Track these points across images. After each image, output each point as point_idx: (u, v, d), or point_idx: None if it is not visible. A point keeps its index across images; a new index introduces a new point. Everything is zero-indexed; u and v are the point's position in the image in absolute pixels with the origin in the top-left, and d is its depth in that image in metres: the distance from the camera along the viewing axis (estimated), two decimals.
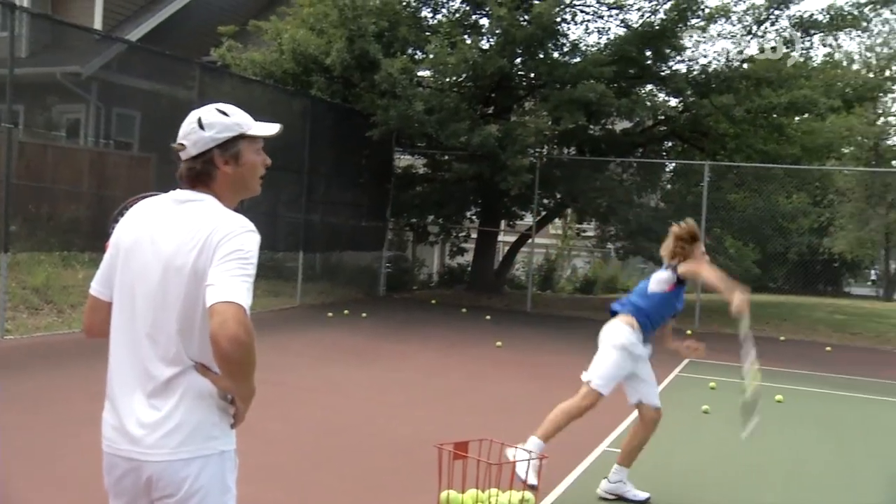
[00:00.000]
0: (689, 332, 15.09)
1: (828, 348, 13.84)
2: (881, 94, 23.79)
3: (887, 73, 30.22)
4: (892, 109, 31.96)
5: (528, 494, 3.77)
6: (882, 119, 31.35)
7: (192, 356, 2.24)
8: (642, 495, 5.29)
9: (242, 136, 2.36)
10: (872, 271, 37.41)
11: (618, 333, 5.40)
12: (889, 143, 32.26)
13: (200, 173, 2.33)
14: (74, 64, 15.69)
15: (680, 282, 5.33)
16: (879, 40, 30.89)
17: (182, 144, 2.33)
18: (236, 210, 2.37)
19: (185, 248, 2.21)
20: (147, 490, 2.23)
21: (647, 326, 5.42)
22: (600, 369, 5.36)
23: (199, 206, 2.29)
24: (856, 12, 17.38)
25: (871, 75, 21.23)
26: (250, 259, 2.19)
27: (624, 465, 5.33)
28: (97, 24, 17.69)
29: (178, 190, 2.36)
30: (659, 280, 5.37)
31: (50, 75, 15.44)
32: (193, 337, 2.23)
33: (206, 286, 2.14)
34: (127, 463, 2.24)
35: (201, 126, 2.32)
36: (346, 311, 14.17)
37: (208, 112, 2.35)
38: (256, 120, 2.43)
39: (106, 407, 2.33)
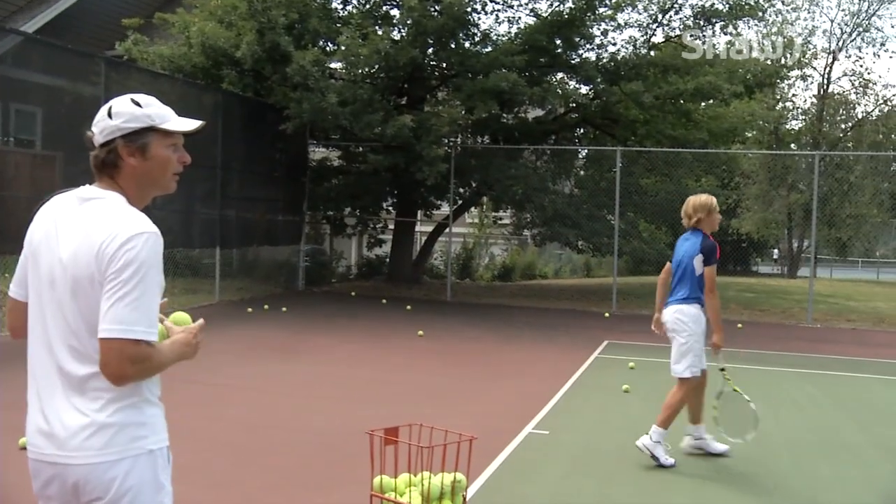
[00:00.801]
0: (606, 314, 15.49)
1: (739, 325, 14.35)
2: (778, 81, 24.74)
3: (782, 60, 31.40)
4: (789, 95, 33.23)
5: (460, 475, 3.82)
6: (780, 104, 32.55)
7: None
8: (720, 447, 6.08)
9: (153, 129, 2.28)
10: (775, 250, 38.92)
11: (697, 320, 5.93)
12: (787, 126, 33.54)
13: (105, 163, 2.26)
14: None
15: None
16: (774, 29, 32.05)
17: (92, 132, 2.27)
18: (147, 208, 2.31)
19: (81, 252, 2.15)
20: (75, 494, 2.17)
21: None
22: (690, 358, 5.90)
23: (100, 206, 2.22)
24: (752, 2, 18.07)
25: (769, 62, 22.00)
26: (143, 271, 2.12)
27: (696, 423, 6.12)
28: None
29: (85, 186, 2.29)
30: (700, 261, 5.93)
31: None
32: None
33: (99, 313, 2.10)
34: (51, 468, 2.18)
35: (109, 115, 2.26)
36: (265, 307, 14.01)
37: (121, 101, 2.29)
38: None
39: (29, 412, 2.26)
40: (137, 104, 2.28)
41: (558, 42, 17.05)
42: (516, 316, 15.10)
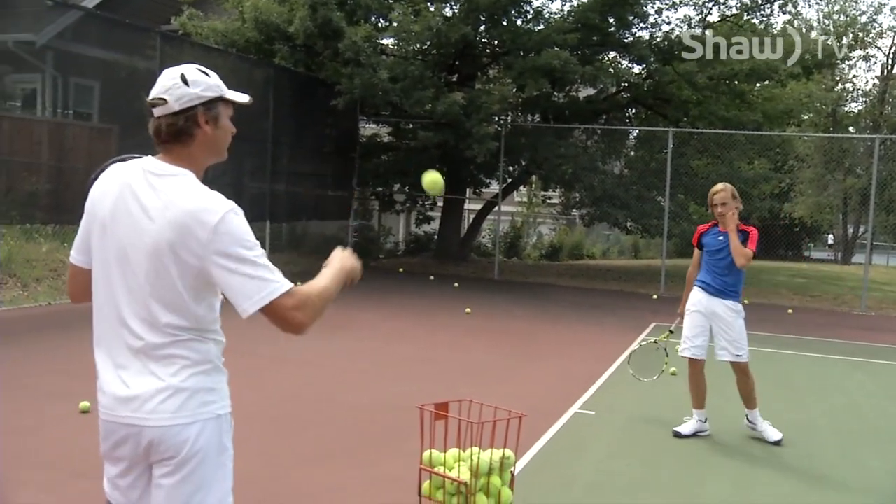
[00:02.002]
0: (654, 296, 15.36)
1: (789, 311, 14.13)
2: (838, 62, 24.11)
3: (844, 40, 30.56)
4: (849, 76, 32.38)
5: (509, 452, 3.85)
6: (839, 86, 31.74)
7: (179, 325, 2.25)
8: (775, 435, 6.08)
9: (222, 99, 2.36)
10: (830, 236, 38.10)
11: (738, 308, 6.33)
12: (846, 109, 32.72)
13: (181, 130, 2.29)
14: (26, 31, 15.29)
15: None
16: (836, 7, 31.19)
17: (163, 99, 2.28)
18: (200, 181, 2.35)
19: (164, 227, 2.20)
20: (146, 454, 2.26)
21: None
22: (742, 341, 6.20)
23: (178, 182, 2.26)
24: None
25: (829, 42, 21.43)
26: (250, 242, 2.22)
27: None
28: None
29: (150, 159, 2.32)
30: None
31: (1, 44, 15.04)
32: (183, 309, 2.24)
33: (226, 293, 2.22)
34: (126, 429, 2.25)
35: (185, 82, 2.29)
36: None
37: (191, 70, 2.33)
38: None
39: (100, 377, 2.32)
40: (206, 74, 2.35)
41: (611, 20, 16.86)
42: (563, 296, 15.05)
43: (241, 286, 2.18)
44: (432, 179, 3.12)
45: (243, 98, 2.42)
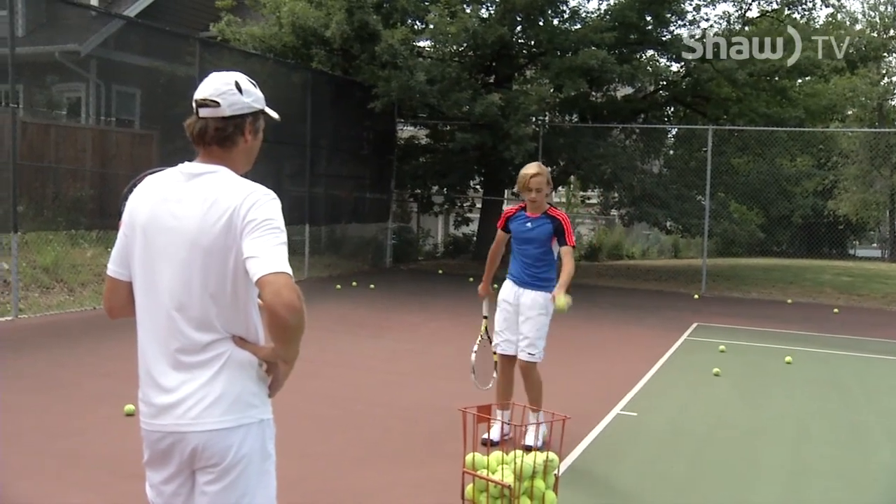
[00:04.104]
0: (695, 295, 15.19)
1: (835, 310, 13.88)
2: (885, 54, 23.62)
3: (891, 31, 29.99)
4: None
5: (553, 455, 3.81)
6: (886, 79, 31.10)
7: (226, 327, 2.27)
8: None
9: (263, 112, 2.43)
10: (875, 233, 37.33)
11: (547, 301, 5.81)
12: (893, 102, 32.04)
13: (229, 136, 2.34)
14: (71, 42, 15.60)
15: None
16: None
17: (215, 101, 2.31)
18: None
19: (210, 221, 2.22)
20: (191, 461, 2.27)
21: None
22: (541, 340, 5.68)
23: (216, 178, 2.29)
24: None
25: (875, 35, 21.01)
26: (281, 227, 2.23)
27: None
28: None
29: (185, 163, 2.35)
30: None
31: (48, 54, 15.35)
32: (225, 308, 2.26)
33: (246, 259, 2.16)
34: (171, 437, 2.26)
35: (240, 90, 2.34)
36: (354, 283, 14.23)
37: (243, 79, 2.38)
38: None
39: (142, 385, 2.34)
40: (255, 86, 2.41)
41: (649, 18, 16.72)
42: (603, 296, 14.93)
43: (262, 249, 2.15)
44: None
45: (277, 115, 2.48)
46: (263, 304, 2.14)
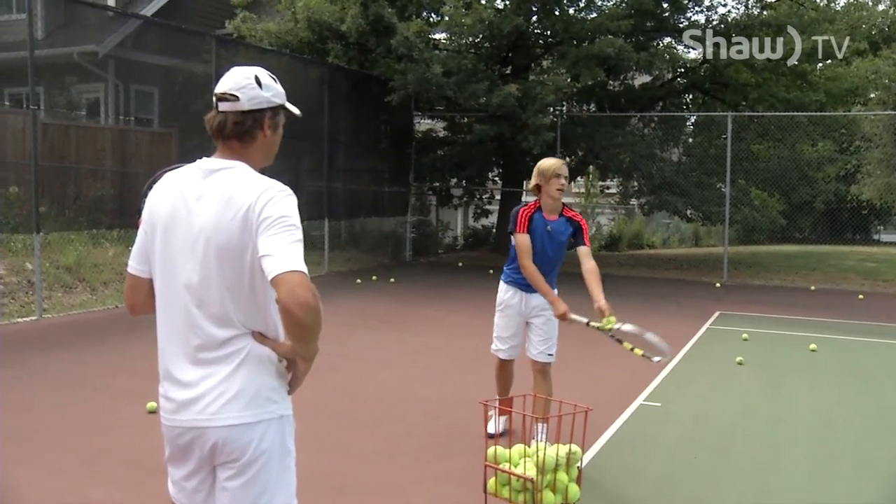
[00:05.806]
0: (717, 284, 15.08)
1: (860, 296, 13.73)
2: None
3: None
4: None
5: (575, 447, 3.79)
6: None
7: (245, 323, 2.27)
8: None
9: (283, 107, 2.42)
10: None
11: None
12: None
13: (246, 131, 2.33)
14: (89, 42, 15.68)
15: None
16: None
17: (235, 96, 2.31)
18: None
19: (226, 218, 2.22)
20: (211, 456, 2.28)
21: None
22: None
23: (233, 174, 2.29)
24: None
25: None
26: (297, 224, 2.22)
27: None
28: (109, 0, 17.66)
29: (203, 159, 2.35)
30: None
31: (67, 55, 15.45)
32: (243, 304, 2.26)
33: (261, 257, 2.15)
34: (191, 432, 2.27)
35: (259, 84, 2.33)
36: (374, 277, 14.24)
37: (263, 73, 2.37)
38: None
39: (162, 381, 2.35)
40: (275, 80, 2.39)
41: (665, 5, 16.56)
42: (624, 286, 14.85)
43: (276, 247, 2.14)
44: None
45: (298, 111, 2.47)
46: (279, 303, 2.14)
